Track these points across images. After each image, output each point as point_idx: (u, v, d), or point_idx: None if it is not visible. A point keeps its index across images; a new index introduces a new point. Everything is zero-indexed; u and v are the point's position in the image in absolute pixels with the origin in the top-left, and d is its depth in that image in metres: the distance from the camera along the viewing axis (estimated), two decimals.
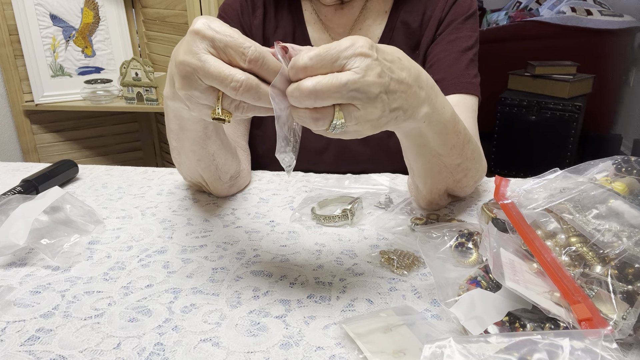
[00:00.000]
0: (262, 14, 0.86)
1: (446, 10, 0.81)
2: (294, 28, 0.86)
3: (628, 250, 0.41)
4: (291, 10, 0.86)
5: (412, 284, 0.51)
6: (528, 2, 3.49)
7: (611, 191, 0.46)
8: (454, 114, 0.56)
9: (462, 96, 0.75)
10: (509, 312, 0.41)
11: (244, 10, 0.86)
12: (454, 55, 0.78)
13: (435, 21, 0.81)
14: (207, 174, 0.67)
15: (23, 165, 0.88)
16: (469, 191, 0.68)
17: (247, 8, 0.86)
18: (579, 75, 2.59)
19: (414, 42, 0.83)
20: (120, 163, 0.88)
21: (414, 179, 0.65)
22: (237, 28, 0.89)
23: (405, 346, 0.40)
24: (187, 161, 0.66)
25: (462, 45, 0.79)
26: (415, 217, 0.64)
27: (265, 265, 0.55)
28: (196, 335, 0.44)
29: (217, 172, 0.67)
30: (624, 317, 0.38)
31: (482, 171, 0.67)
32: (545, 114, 2.56)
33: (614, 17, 2.75)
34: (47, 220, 0.60)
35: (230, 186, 0.72)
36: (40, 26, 1.88)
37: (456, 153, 0.58)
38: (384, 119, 0.44)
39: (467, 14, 0.81)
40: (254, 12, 0.86)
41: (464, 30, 0.80)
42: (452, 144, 0.57)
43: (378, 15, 0.84)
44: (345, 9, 0.84)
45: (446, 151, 0.57)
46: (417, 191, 0.66)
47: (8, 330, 0.45)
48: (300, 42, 0.86)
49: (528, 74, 2.69)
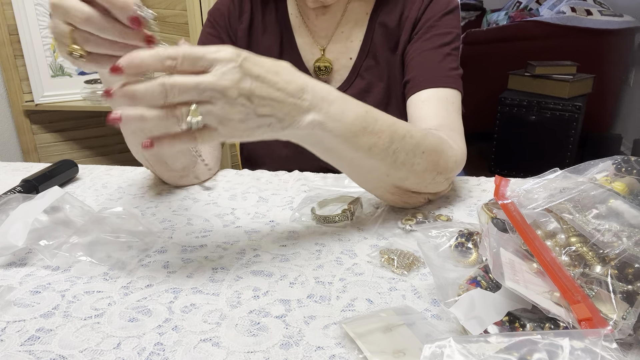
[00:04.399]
0: (248, 19, 0.86)
1: (422, 9, 0.81)
2: (281, 33, 0.86)
3: (628, 250, 0.41)
4: (278, 15, 0.86)
5: (412, 284, 0.51)
6: (528, 2, 3.49)
7: (611, 191, 0.46)
8: (364, 116, 0.55)
9: (434, 90, 0.75)
10: (509, 312, 0.41)
11: (231, 15, 0.86)
12: (427, 52, 0.78)
13: (411, 21, 0.81)
14: (152, 158, 0.70)
15: (23, 165, 0.88)
16: (441, 187, 0.66)
17: (235, 12, 0.86)
18: (579, 75, 2.59)
19: (393, 43, 0.83)
20: (120, 163, 0.88)
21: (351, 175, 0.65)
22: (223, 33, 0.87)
23: (405, 346, 0.40)
24: (131, 143, 0.68)
25: (437, 42, 0.79)
26: (405, 218, 0.63)
27: (265, 265, 0.55)
28: (196, 335, 0.44)
29: (162, 156, 0.70)
30: (624, 317, 0.38)
31: (446, 163, 0.64)
32: (545, 114, 2.56)
33: (614, 17, 2.75)
34: (47, 220, 0.60)
35: (181, 177, 0.74)
36: (40, 26, 1.89)
37: (379, 152, 0.57)
38: (252, 122, 0.47)
39: (445, 11, 0.80)
40: (241, 17, 0.86)
41: (441, 27, 0.80)
42: (370, 145, 0.56)
43: (359, 18, 0.84)
44: (327, 14, 0.84)
45: (363, 153, 0.56)
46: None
47: (8, 330, 0.45)
48: (287, 47, 0.86)
49: (528, 74, 2.70)
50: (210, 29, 0.87)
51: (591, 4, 2.88)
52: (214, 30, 0.87)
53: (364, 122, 0.55)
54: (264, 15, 0.86)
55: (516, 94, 2.69)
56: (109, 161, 2.22)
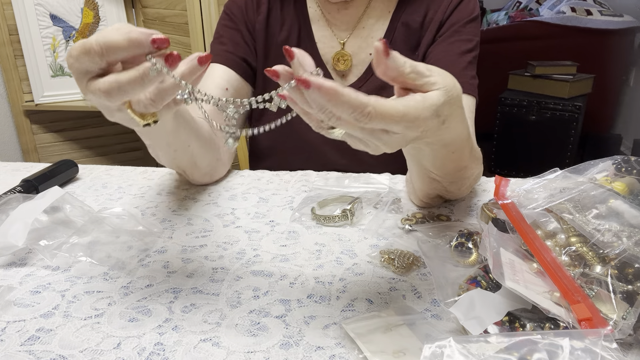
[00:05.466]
0: (266, 10, 0.86)
1: (448, 13, 0.81)
2: (299, 25, 0.86)
3: (628, 250, 0.41)
4: (296, 7, 0.87)
5: (412, 284, 0.51)
6: (528, 2, 3.49)
7: (611, 191, 0.46)
8: (468, 138, 0.53)
9: None
10: (509, 312, 0.41)
11: (249, 7, 0.87)
12: (453, 56, 0.79)
13: (436, 23, 0.82)
14: (185, 163, 0.70)
15: (23, 165, 0.88)
16: (465, 193, 0.69)
17: (252, 5, 0.87)
18: (579, 75, 2.59)
19: (414, 43, 0.84)
20: (120, 163, 0.88)
21: (412, 178, 0.66)
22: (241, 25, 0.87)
23: (405, 346, 0.40)
24: (164, 155, 0.67)
25: (462, 48, 0.79)
26: (404, 218, 0.64)
27: (265, 265, 0.55)
28: (196, 335, 0.44)
29: (194, 158, 0.70)
30: (624, 317, 0.38)
31: (479, 174, 0.67)
32: (545, 114, 2.56)
33: (614, 17, 2.75)
34: (47, 220, 0.60)
35: (206, 174, 0.75)
36: (40, 26, 1.88)
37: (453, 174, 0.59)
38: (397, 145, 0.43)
39: (469, 18, 0.81)
40: (258, 9, 0.87)
41: (465, 33, 0.80)
42: (452, 167, 0.57)
43: (381, 15, 0.85)
44: (349, 8, 0.84)
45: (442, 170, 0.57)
46: (412, 189, 0.68)
47: (8, 330, 0.45)
48: (305, 39, 0.87)
49: (528, 74, 2.69)
50: (228, 22, 0.87)
51: (591, 4, 2.88)
52: (232, 23, 0.87)
53: (461, 144, 0.53)
54: (282, 7, 0.87)
55: (516, 94, 2.69)
56: (109, 161, 2.22)
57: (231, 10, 0.87)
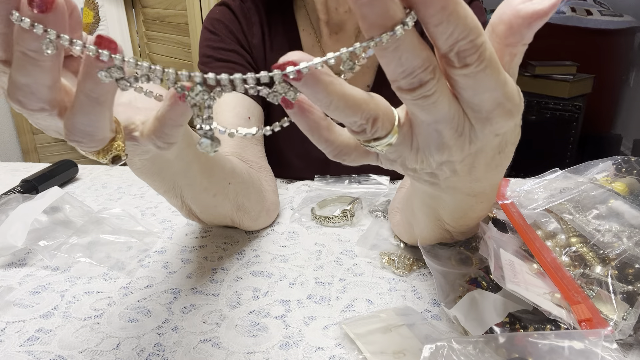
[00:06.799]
0: (260, 33, 0.77)
1: None
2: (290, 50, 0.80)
3: (628, 250, 0.41)
4: (285, 30, 0.78)
5: (412, 284, 0.51)
6: None
7: (611, 191, 0.46)
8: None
9: None
10: (510, 313, 0.41)
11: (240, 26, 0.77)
12: None
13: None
14: (229, 207, 0.57)
15: (23, 165, 0.88)
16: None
17: (242, 24, 0.76)
18: (579, 75, 2.59)
19: None
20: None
21: (413, 223, 0.51)
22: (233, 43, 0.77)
23: (405, 347, 0.40)
24: (205, 207, 0.55)
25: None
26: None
27: (265, 266, 0.55)
28: (196, 335, 0.44)
29: (238, 198, 0.57)
30: (624, 317, 0.38)
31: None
32: (545, 114, 2.56)
33: (614, 17, 2.75)
34: (47, 220, 0.60)
35: (259, 216, 0.62)
36: None
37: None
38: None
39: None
40: (250, 29, 0.77)
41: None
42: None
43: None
44: (339, 33, 0.77)
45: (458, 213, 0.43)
46: (406, 231, 0.56)
47: (8, 331, 0.45)
48: None
49: (528, 74, 2.69)
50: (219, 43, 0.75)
51: (591, 4, 2.88)
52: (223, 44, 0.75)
53: (491, 192, 0.41)
54: (270, 29, 0.78)
55: None
56: None
57: (215, 28, 0.75)
